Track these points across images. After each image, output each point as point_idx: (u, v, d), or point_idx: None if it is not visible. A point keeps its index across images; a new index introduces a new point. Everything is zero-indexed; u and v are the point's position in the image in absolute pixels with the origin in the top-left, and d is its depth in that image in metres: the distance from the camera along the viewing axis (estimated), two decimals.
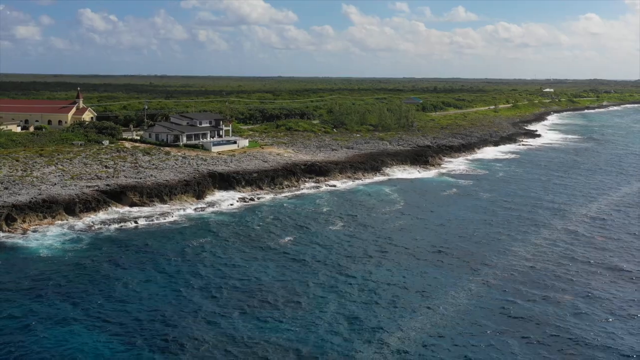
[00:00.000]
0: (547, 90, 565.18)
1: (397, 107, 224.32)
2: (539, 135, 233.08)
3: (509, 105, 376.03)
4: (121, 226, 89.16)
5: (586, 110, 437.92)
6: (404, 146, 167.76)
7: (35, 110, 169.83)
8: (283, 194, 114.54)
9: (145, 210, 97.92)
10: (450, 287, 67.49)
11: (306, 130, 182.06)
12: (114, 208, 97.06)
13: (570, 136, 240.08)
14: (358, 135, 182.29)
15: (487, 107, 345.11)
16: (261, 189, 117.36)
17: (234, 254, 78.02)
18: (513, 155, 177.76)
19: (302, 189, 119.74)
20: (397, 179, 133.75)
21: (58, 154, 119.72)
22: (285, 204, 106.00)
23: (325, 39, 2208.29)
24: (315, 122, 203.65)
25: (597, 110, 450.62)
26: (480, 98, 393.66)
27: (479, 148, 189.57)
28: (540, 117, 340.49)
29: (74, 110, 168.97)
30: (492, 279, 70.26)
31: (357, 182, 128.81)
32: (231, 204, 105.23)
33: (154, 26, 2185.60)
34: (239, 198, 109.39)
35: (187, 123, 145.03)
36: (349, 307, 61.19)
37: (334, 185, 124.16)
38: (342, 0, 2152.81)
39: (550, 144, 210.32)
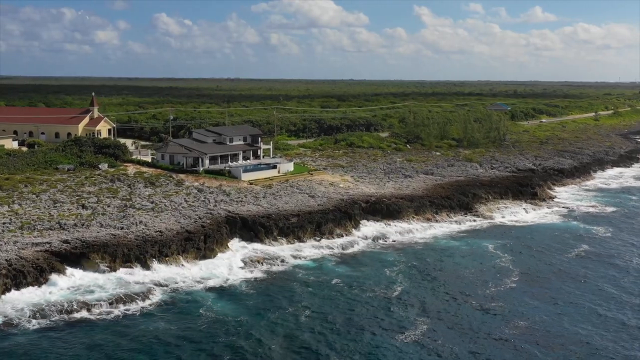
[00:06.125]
0: None
1: (485, 116, 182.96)
2: None
3: (608, 112, 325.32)
4: (58, 321, 54.47)
5: None
6: (500, 170, 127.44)
7: (41, 120, 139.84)
8: (332, 252, 77.61)
9: (114, 282, 62.94)
10: None
11: (372, 146, 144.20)
12: (65, 281, 62.47)
13: None
14: (438, 153, 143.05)
15: (584, 115, 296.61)
16: (301, 240, 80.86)
17: None
18: None
19: (361, 241, 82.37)
20: (499, 224, 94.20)
21: (25, 185, 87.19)
22: (333, 276, 68.80)
23: (397, 42, 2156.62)
24: (384, 134, 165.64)
25: None
26: (575, 104, 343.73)
27: (595, 171, 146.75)
28: None
29: (86, 120, 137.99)
30: None
31: (440, 229, 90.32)
32: (249, 272, 69.12)
33: (226, 29, 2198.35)
34: (265, 259, 73.26)
35: (214, 140, 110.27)
36: None
37: (407, 234, 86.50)
38: (414, 1, 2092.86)
39: None
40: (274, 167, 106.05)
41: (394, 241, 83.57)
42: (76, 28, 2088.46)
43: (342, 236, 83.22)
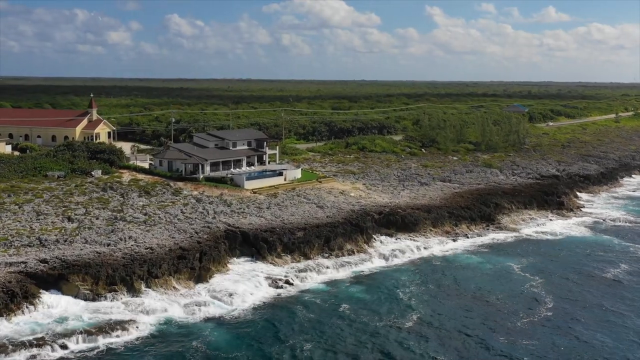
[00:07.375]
0: None
1: (503, 118, 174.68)
2: None
3: (629, 113, 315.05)
4: None
5: None
6: (522, 176, 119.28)
7: (36, 123, 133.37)
8: (341, 272, 70.03)
9: (95, 310, 55.69)
10: None
11: (385, 150, 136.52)
12: (39, 308, 55.32)
13: None
14: (455, 158, 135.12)
15: (604, 117, 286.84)
16: (308, 258, 73.32)
17: None
18: None
19: (373, 259, 74.67)
20: (525, 237, 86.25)
21: (8, 195, 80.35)
22: (342, 301, 61.21)
23: (409, 42, 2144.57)
24: (397, 138, 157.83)
25: None
26: (594, 105, 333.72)
27: (622, 177, 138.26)
28: None
29: (84, 122, 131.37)
30: None
31: (461, 243, 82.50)
32: (249, 297, 61.62)
33: (238, 30, 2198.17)
34: (267, 281, 65.87)
35: (216, 145, 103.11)
36: None
37: (424, 249, 78.78)
38: (426, 1, 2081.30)
39: None
40: (280, 174, 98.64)
41: (410, 258, 75.90)
42: (89, 29, 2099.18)
43: (353, 252, 75.59)
